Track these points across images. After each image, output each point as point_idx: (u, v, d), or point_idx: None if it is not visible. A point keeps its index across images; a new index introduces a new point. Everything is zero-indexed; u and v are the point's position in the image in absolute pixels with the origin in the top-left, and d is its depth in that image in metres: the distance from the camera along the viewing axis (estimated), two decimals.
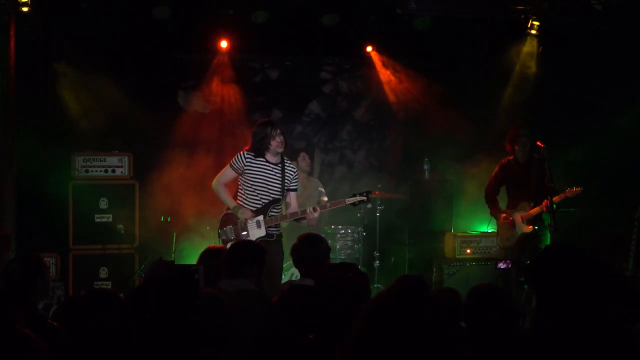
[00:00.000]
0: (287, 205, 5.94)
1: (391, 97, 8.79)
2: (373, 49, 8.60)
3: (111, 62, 7.69)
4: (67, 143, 7.60)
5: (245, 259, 4.09)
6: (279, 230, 5.89)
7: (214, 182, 5.95)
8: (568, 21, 7.76)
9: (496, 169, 7.17)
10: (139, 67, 7.87)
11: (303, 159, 7.69)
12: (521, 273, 6.71)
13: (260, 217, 5.73)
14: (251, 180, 5.78)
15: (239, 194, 5.91)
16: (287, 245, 6.82)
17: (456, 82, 8.36)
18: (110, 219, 7.32)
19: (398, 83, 8.71)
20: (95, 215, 7.34)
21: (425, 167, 8.32)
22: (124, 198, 7.41)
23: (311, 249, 4.43)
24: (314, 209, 5.66)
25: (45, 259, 5.34)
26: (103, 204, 7.36)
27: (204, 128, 8.31)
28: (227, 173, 5.90)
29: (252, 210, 5.75)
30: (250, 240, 5.31)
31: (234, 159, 5.84)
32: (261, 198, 5.78)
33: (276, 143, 5.73)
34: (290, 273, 6.84)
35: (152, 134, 8.04)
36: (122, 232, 7.21)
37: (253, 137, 5.83)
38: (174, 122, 8.19)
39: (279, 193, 5.82)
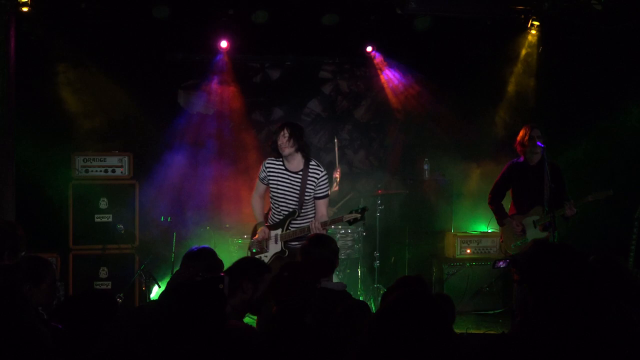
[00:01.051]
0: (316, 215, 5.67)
1: (391, 97, 8.80)
2: (373, 49, 8.60)
3: (111, 62, 7.70)
4: (67, 143, 7.59)
5: (235, 276, 3.94)
6: (299, 244, 5.54)
7: (252, 197, 5.89)
8: (568, 21, 7.76)
9: (503, 170, 6.73)
10: (139, 67, 7.87)
11: None
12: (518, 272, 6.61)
13: (279, 232, 5.61)
14: (272, 191, 5.67)
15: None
16: None
17: (456, 82, 8.37)
18: (110, 219, 7.31)
19: (398, 83, 8.71)
20: (95, 215, 7.33)
21: (425, 167, 8.32)
22: (124, 198, 7.40)
23: (320, 249, 4.42)
24: (317, 227, 5.48)
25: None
26: (103, 204, 7.35)
27: (204, 128, 8.32)
28: (258, 186, 5.81)
29: (273, 224, 5.66)
30: (249, 257, 5.11)
31: (260, 170, 5.77)
32: (281, 210, 5.62)
33: (279, 142, 5.48)
34: None
35: (152, 134, 8.04)
36: (122, 232, 7.20)
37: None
38: (174, 122, 8.19)
39: (295, 204, 5.56)
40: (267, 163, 5.64)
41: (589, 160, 7.81)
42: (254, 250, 5.77)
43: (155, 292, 7.13)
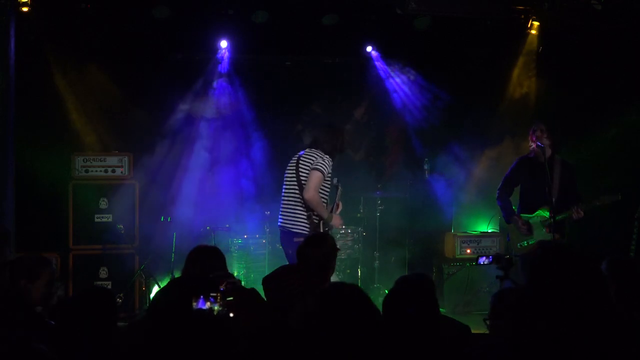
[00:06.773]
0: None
1: (391, 96, 8.79)
2: (373, 49, 8.60)
3: (111, 62, 7.70)
4: (67, 143, 7.60)
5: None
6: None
7: (314, 194, 5.79)
8: (568, 21, 7.76)
9: (512, 166, 6.61)
10: (139, 67, 7.87)
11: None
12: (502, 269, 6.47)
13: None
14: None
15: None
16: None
17: (456, 82, 8.37)
18: (110, 219, 7.32)
19: (398, 83, 8.71)
20: (95, 215, 7.34)
21: (425, 167, 8.32)
22: (124, 198, 7.40)
23: (317, 249, 4.36)
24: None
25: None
26: (103, 204, 7.36)
27: (203, 128, 8.31)
28: (320, 182, 5.88)
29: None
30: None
31: (325, 167, 5.85)
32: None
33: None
34: None
35: (152, 134, 8.04)
36: (122, 232, 7.20)
37: (331, 140, 6.01)
38: (174, 122, 8.19)
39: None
40: (329, 159, 5.96)
41: (588, 160, 7.80)
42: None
43: (155, 292, 7.13)
